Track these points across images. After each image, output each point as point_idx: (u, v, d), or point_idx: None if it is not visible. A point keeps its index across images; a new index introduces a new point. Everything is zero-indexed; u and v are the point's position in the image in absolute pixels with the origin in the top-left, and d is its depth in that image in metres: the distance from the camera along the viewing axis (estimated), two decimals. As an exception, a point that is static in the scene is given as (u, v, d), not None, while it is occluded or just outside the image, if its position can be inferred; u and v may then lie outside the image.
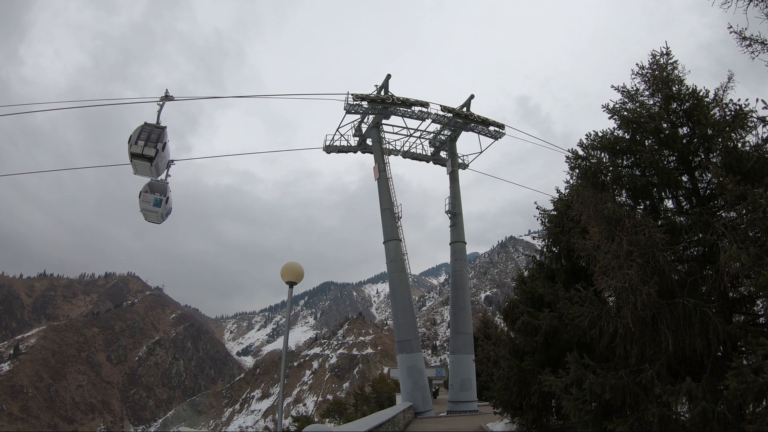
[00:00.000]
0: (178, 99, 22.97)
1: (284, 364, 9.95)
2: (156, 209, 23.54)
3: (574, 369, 7.87)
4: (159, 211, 23.49)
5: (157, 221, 23.76)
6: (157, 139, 20.22)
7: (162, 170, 21.72)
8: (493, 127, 33.16)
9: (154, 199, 22.66)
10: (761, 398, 5.77)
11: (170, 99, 20.84)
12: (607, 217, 7.86)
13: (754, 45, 7.55)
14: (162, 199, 23.41)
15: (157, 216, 22.88)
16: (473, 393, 28.01)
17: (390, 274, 29.77)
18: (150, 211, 23.19)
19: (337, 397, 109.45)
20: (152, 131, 20.28)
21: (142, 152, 19.19)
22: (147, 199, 22.52)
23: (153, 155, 19.34)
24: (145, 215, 22.81)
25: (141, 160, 19.39)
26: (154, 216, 22.94)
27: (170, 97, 20.69)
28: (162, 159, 21.18)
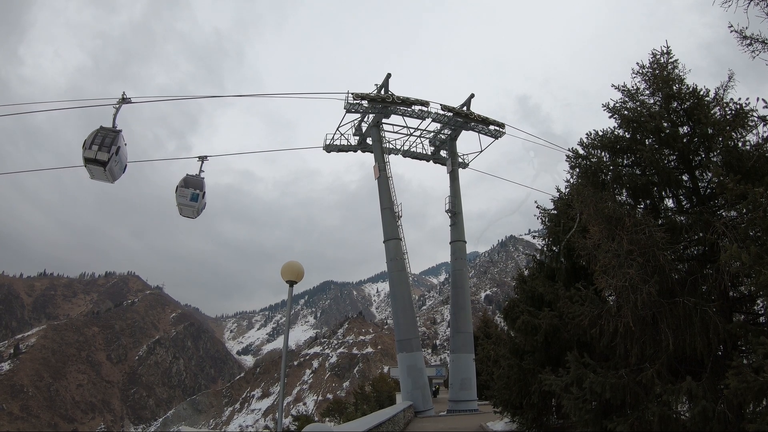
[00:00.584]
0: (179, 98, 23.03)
1: (284, 363, 9.95)
2: (193, 204, 24.32)
3: (575, 368, 7.87)
4: (195, 206, 24.35)
5: (192, 216, 24.60)
6: (111, 143, 20.16)
7: (118, 174, 21.85)
8: (493, 126, 33.15)
9: (190, 193, 23.71)
10: (761, 397, 5.78)
11: (127, 101, 20.76)
12: (607, 216, 7.86)
13: (755, 44, 7.54)
14: (198, 194, 24.18)
15: (193, 211, 23.96)
16: (473, 392, 28.02)
17: (390, 273, 29.78)
18: (186, 205, 23.96)
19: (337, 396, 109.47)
20: (107, 135, 20.20)
21: (95, 157, 19.16)
22: (184, 193, 23.76)
23: (106, 160, 19.32)
24: (181, 209, 23.91)
25: (94, 165, 19.39)
26: (189, 210, 23.95)
27: (127, 100, 20.61)
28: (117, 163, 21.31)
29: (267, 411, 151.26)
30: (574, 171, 9.45)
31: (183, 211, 24.17)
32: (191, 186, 24.07)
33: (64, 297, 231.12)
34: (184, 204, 23.86)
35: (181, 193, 23.94)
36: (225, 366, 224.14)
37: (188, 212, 24.23)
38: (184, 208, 24.09)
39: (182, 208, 24.06)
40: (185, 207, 23.90)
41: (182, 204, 23.83)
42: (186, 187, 23.93)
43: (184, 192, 24.00)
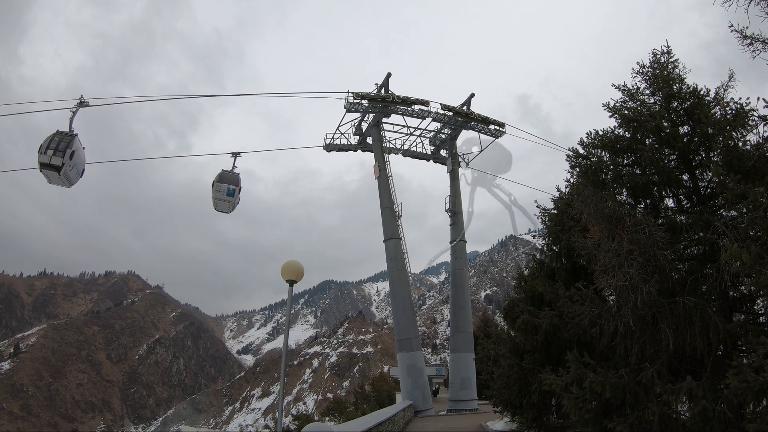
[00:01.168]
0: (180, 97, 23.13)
1: (284, 363, 9.95)
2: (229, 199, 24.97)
3: (575, 368, 7.87)
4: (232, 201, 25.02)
5: (227, 210, 25.04)
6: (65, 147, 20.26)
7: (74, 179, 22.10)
8: (493, 125, 33.14)
9: (227, 188, 24.64)
10: (762, 397, 5.78)
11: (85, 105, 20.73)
12: (607, 216, 7.86)
13: (755, 44, 7.53)
14: (234, 189, 24.82)
15: (229, 205, 24.87)
16: (473, 392, 28.05)
17: (390, 272, 29.78)
18: (222, 200, 24.60)
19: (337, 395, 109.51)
20: (62, 140, 20.30)
21: (49, 161, 19.21)
22: (220, 188, 24.54)
23: (60, 165, 19.37)
24: (217, 204, 24.54)
25: (49, 170, 19.45)
26: (225, 205, 24.88)
27: (85, 103, 20.59)
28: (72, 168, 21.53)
29: (267, 410, 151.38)
30: (575, 170, 9.44)
31: (219, 206, 24.71)
32: (227, 181, 24.65)
33: (64, 296, 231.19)
34: (220, 199, 24.47)
35: (218, 188, 24.53)
36: (225, 365, 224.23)
37: (224, 207, 24.76)
38: (220, 203, 24.66)
39: (218, 203, 24.65)
40: (221, 201, 24.51)
41: (218, 199, 24.45)
42: (222, 182, 24.49)
43: (220, 187, 24.57)
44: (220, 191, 24.47)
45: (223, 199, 24.54)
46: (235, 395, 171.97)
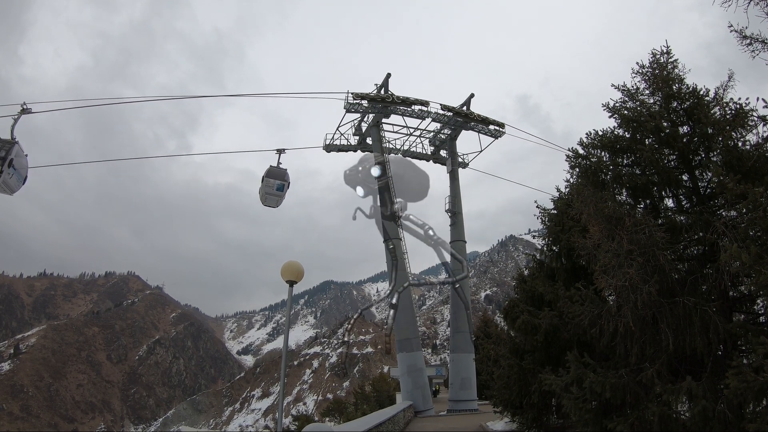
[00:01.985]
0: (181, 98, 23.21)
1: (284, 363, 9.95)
2: (279, 193, 25.17)
3: (575, 368, 7.88)
4: (281, 195, 25.42)
5: (275, 205, 25.46)
6: (5, 155, 20.44)
7: (15, 186, 22.39)
8: (493, 125, 33.18)
9: (277, 184, 25.24)
10: (761, 397, 5.78)
11: (27, 112, 20.76)
12: (607, 216, 7.86)
13: (755, 44, 7.53)
14: (284, 184, 24.91)
15: (278, 200, 25.88)
16: (473, 392, 28.08)
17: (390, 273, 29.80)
18: (272, 194, 24.78)
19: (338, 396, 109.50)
20: (1, 147, 20.48)
21: None
22: (270, 183, 25.20)
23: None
24: (266, 199, 24.90)
25: None
26: (273, 200, 25.89)
27: (27, 110, 20.63)
28: (11, 175, 21.77)
29: (267, 411, 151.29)
30: (574, 171, 9.45)
31: (267, 201, 24.97)
32: (277, 177, 24.84)
33: (64, 297, 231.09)
34: (270, 193, 24.54)
35: (267, 183, 24.52)
36: (225, 366, 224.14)
37: (272, 201, 25.17)
38: (269, 198, 24.82)
39: (267, 198, 24.77)
40: (271, 196, 24.66)
41: (268, 193, 24.51)
42: (272, 177, 24.83)
43: (270, 182, 24.57)
44: (270, 186, 24.43)
45: (272, 194, 24.58)
46: (235, 396, 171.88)
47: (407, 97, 30.93)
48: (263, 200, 25.16)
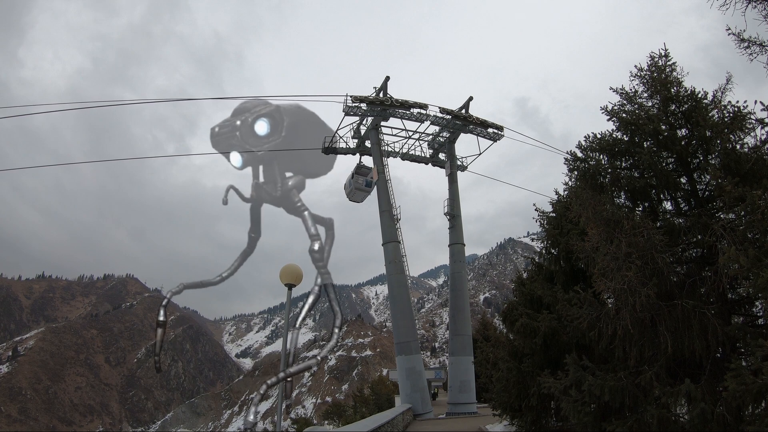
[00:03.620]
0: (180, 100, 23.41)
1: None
2: (367, 189, 29.31)
3: (573, 371, 7.87)
4: (369, 191, 29.15)
5: (361, 200, 29.32)
6: None
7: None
8: (491, 128, 33.21)
9: (365, 180, 29.11)
10: (760, 399, 5.77)
11: None
12: (605, 219, 7.86)
13: (753, 47, 7.57)
14: (371, 181, 28.47)
15: (365, 195, 29.20)
16: (472, 395, 28.02)
17: (389, 275, 29.81)
18: (361, 190, 28.94)
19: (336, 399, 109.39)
20: None
21: None
22: (359, 180, 28.94)
23: None
24: (354, 194, 28.74)
25: None
26: (361, 195, 29.50)
27: None
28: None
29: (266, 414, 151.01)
30: (573, 174, 9.45)
31: (355, 196, 28.78)
32: (365, 174, 28.55)
33: (62, 299, 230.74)
34: (359, 188, 28.63)
35: (357, 180, 28.64)
36: (223, 369, 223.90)
37: (360, 196, 28.86)
38: (358, 193, 28.82)
39: (356, 193, 28.72)
40: (360, 192, 28.67)
41: (358, 188, 28.58)
42: (361, 174, 28.51)
43: (359, 179, 28.72)
44: (360, 182, 28.40)
45: (362, 189, 28.57)
46: (233, 399, 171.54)
47: (406, 100, 30.96)
48: (350, 195, 28.66)
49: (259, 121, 5.47)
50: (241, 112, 5.59)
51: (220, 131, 5.60)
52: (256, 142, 5.52)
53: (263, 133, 5.43)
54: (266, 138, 5.47)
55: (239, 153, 5.56)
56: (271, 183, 5.84)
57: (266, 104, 5.68)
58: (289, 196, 5.71)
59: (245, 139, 5.49)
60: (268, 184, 5.86)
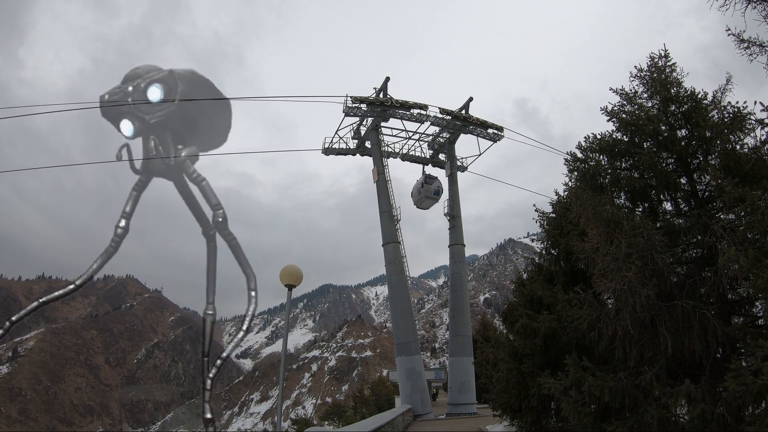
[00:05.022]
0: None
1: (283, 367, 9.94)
2: (435, 197, 30.83)
3: (573, 371, 7.87)
4: (437, 199, 30.98)
5: (428, 207, 30.79)
6: None
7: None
8: (491, 129, 33.24)
9: (434, 189, 30.76)
10: (760, 400, 5.77)
11: None
12: (605, 220, 7.86)
13: (753, 47, 7.57)
14: (439, 189, 30.51)
15: (432, 203, 30.67)
16: (472, 395, 28.03)
17: (389, 276, 29.83)
18: (430, 198, 30.36)
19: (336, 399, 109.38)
20: None
21: None
22: (429, 189, 30.55)
23: None
24: (422, 201, 30.08)
25: None
26: (429, 202, 30.90)
27: None
28: None
29: (266, 414, 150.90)
30: (573, 174, 9.45)
31: (423, 203, 30.18)
32: (433, 183, 30.22)
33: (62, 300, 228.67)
34: (428, 197, 30.08)
35: (427, 188, 30.25)
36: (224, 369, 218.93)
37: (427, 204, 30.23)
38: (426, 200, 30.19)
39: (425, 200, 30.07)
40: (428, 199, 30.06)
41: (427, 197, 30.04)
42: (429, 183, 30.09)
43: (428, 188, 30.30)
44: (430, 191, 29.89)
45: (430, 197, 30.03)
46: (233, 399, 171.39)
47: (406, 101, 30.98)
48: (419, 203, 30.00)
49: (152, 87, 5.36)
50: (133, 78, 5.48)
51: (110, 98, 5.46)
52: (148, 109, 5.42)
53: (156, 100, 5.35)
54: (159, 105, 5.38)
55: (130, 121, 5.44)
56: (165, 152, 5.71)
57: (159, 69, 5.58)
58: (182, 167, 5.60)
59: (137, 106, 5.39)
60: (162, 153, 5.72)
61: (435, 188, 31.82)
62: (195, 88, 5.81)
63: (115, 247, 5.54)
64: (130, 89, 5.37)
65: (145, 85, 5.46)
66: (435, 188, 31.82)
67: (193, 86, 5.77)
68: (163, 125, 5.67)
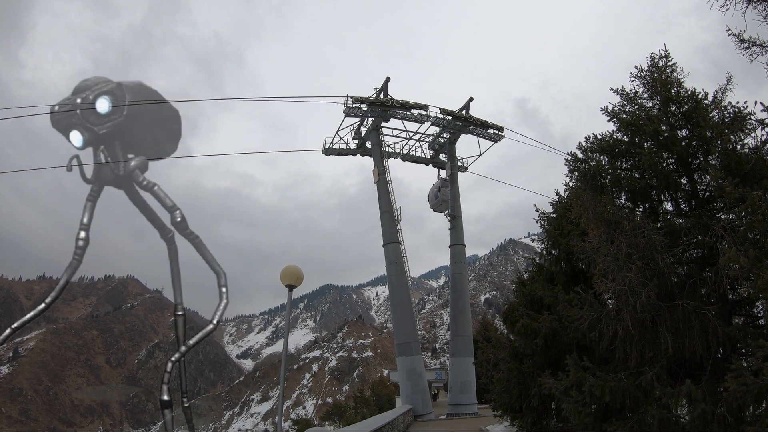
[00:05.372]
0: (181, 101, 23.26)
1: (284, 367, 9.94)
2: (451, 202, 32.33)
3: (574, 371, 7.87)
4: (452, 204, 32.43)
5: (444, 210, 32.16)
6: None
7: None
8: (492, 129, 33.25)
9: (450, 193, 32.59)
10: (761, 400, 5.77)
11: None
12: (606, 220, 7.86)
13: (753, 47, 7.57)
14: None
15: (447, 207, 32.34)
16: (473, 395, 28.02)
17: (389, 276, 29.84)
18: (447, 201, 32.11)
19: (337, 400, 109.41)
20: None
21: None
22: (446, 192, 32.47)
23: None
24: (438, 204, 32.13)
25: None
26: (445, 206, 32.68)
27: None
28: None
29: (266, 415, 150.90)
30: (573, 174, 9.45)
31: (440, 207, 32.15)
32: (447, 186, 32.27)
33: (63, 300, 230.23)
34: (446, 200, 32.00)
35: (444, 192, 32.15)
36: (224, 370, 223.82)
37: (444, 207, 32.15)
38: (443, 204, 32.22)
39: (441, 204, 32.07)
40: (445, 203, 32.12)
41: (444, 200, 32.08)
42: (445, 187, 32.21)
43: (446, 192, 32.15)
44: (446, 195, 31.94)
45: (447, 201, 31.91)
46: (234, 400, 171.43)
47: (406, 101, 30.99)
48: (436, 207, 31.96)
49: (100, 99, 5.38)
50: (82, 90, 5.49)
51: (60, 109, 5.50)
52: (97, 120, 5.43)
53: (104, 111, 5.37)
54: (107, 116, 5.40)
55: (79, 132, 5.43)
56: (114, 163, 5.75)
57: (108, 81, 5.59)
58: (132, 176, 5.61)
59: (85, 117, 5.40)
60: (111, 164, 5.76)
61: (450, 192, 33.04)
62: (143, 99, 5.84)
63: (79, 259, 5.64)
64: (78, 101, 5.40)
65: (94, 97, 5.50)
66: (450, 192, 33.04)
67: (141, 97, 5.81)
68: (112, 136, 5.72)
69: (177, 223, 5.35)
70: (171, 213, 5.45)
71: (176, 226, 5.40)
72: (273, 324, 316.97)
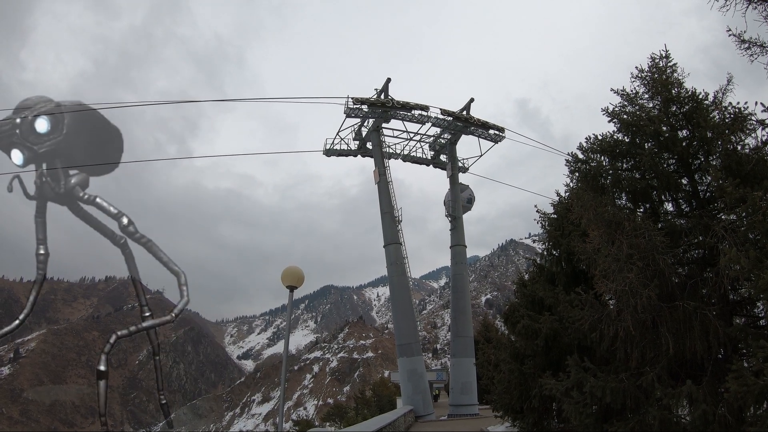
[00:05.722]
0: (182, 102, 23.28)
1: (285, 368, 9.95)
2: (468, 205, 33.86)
3: (575, 372, 7.87)
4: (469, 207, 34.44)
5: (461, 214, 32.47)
6: None
7: None
8: (492, 130, 33.27)
9: (466, 197, 33.93)
10: (762, 400, 5.77)
11: None
12: (607, 221, 7.86)
13: (753, 48, 7.58)
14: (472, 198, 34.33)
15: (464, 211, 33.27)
16: (474, 396, 28.01)
17: (390, 277, 29.84)
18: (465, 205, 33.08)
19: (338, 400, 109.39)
20: None
21: None
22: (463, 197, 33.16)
23: None
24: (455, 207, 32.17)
25: None
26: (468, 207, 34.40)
27: None
28: None
29: (267, 416, 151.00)
30: (574, 175, 9.45)
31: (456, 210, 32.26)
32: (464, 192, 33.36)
33: (64, 301, 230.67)
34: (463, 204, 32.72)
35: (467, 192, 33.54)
36: (225, 370, 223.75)
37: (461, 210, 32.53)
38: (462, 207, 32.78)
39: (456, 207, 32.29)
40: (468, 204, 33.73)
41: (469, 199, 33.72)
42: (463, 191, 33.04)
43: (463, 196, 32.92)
44: (463, 199, 32.73)
45: (463, 205, 32.61)
46: (235, 400, 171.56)
47: (407, 102, 31.00)
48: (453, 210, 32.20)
49: (39, 120, 5.48)
50: (22, 109, 5.60)
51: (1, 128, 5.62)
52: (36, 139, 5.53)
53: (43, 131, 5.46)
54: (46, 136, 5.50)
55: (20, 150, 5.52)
56: (55, 180, 5.84)
57: (48, 101, 5.68)
58: (72, 193, 5.71)
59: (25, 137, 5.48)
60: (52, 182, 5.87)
61: (467, 196, 34.33)
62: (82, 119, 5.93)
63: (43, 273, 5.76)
64: (18, 121, 5.50)
65: (33, 117, 5.59)
66: (467, 196, 34.33)
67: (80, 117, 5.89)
68: (53, 154, 5.84)
69: (125, 228, 5.46)
70: (117, 220, 5.57)
71: (125, 231, 5.52)
72: (274, 325, 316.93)
